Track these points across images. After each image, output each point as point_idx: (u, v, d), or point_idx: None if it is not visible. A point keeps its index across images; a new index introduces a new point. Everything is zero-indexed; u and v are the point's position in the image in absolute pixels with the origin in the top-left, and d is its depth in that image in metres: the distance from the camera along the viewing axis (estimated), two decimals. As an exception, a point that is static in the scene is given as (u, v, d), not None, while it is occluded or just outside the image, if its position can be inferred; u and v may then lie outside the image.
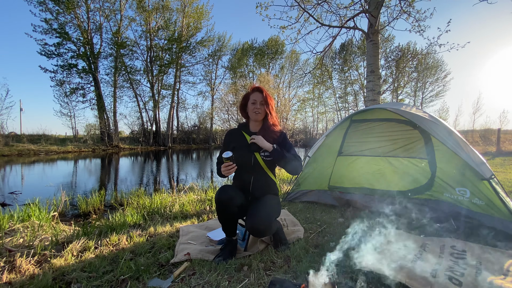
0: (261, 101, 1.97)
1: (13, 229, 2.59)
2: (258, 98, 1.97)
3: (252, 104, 1.97)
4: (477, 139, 16.76)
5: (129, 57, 23.92)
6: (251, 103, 1.98)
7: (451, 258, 1.80)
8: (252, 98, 1.99)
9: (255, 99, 1.97)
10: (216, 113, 24.91)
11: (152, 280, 1.62)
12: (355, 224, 2.56)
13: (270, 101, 1.99)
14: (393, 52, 27.65)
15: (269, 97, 2.00)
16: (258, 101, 1.97)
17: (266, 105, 1.97)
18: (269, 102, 1.98)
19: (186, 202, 3.78)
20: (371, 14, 4.96)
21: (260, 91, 1.99)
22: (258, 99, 1.97)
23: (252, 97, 1.99)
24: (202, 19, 24.39)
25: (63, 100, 21.44)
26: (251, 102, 1.99)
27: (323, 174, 3.46)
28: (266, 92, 2.01)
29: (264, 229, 1.77)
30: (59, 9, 19.17)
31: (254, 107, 1.97)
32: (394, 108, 2.96)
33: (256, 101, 1.97)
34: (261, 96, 1.98)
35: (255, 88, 2.02)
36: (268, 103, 1.98)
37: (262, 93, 1.98)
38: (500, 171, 6.17)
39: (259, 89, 2.00)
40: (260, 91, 1.99)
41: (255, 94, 1.99)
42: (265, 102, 1.96)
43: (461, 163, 2.47)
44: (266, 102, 1.97)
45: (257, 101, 1.97)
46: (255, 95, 1.98)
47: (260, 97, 1.97)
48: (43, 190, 6.20)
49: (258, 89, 2.01)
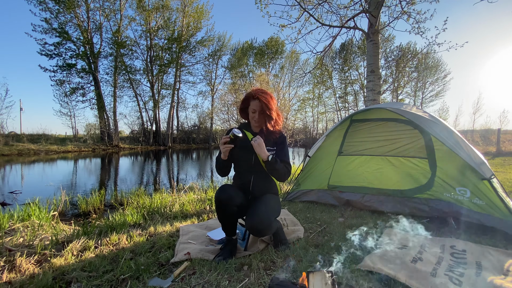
0: (260, 111, 1.92)
1: (13, 228, 2.59)
2: (257, 107, 1.91)
3: (252, 113, 1.95)
4: (477, 139, 16.76)
5: (129, 56, 23.94)
6: (251, 112, 1.96)
7: (451, 258, 1.80)
8: (251, 107, 1.94)
9: (255, 109, 1.92)
10: (216, 113, 24.92)
11: (152, 279, 1.62)
12: (355, 224, 2.56)
13: (270, 105, 1.90)
14: (393, 52, 27.69)
15: (269, 103, 1.90)
16: (258, 111, 1.92)
17: (265, 113, 1.90)
18: (269, 108, 1.89)
19: (186, 201, 3.78)
20: (372, 14, 4.96)
21: (259, 99, 1.89)
22: (257, 108, 1.91)
23: (252, 105, 1.93)
24: (202, 19, 24.37)
25: (63, 100, 21.47)
26: (251, 110, 1.95)
27: (323, 173, 3.46)
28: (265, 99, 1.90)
29: (264, 228, 1.77)
30: (59, 8, 19.17)
31: (254, 115, 1.95)
32: (394, 108, 2.96)
33: (256, 111, 1.92)
34: (260, 106, 1.90)
35: (254, 95, 1.92)
36: (269, 108, 1.89)
37: (260, 102, 1.89)
38: (500, 171, 6.17)
39: (258, 98, 1.89)
40: (259, 99, 1.89)
41: (255, 103, 1.91)
42: (263, 111, 1.90)
43: (461, 163, 2.47)
44: (264, 111, 1.90)
45: (256, 111, 1.92)
46: (254, 104, 1.91)
47: (259, 106, 1.90)
48: (43, 189, 6.20)
49: (256, 97, 1.90)
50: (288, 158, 1.99)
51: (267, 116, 1.93)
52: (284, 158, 1.96)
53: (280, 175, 1.90)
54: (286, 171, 1.91)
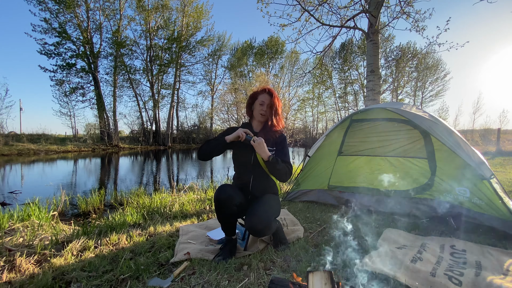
0: (268, 104, 1.97)
1: (13, 228, 2.59)
2: (267, 100, 1.97)
3: (260, 105, 1.98)
4: (477, 139, 16.77)
5: (128, 56, 23.92)
6: (259, 104, 1.98)
7: (451, 258, 1.80)
8: (260, 99, 1.99)
9: (263, 101, 1.98)
10: (216, 113, 24.93)
11: (152, 279, 1.62)
12: (354, 224, 2.56)
13: (278, 103, 1.99)
14: (393, 52, 27.69)
15: (277, 100, 1.99)
16: (266, 103, 1.97)
17: (272, 109, 1.97)
18: (277, 105, 1.98)
19: (186, 201, 3.78)
20: (371, 14, 4.96)
21: (270, 94, 1.98)
22: (266, 101, 1.97)
23: (261, 97, 1.99)
24: (202, 19, 24.35)
25: (62, 100, 21.47)
26: (259, 102, 1.98)
27: (323, 173, 3.46)
28: (275, 94, 2.00)
29: (263, 228, 1.77)
30: (59, 8, 19.15)
31: (261, 108, 1.97)
32: (394, 107, 2.96)
33: (264, 103, 1.97)
34: (270, 99, 1.97)
35: (265, 89, 2.02)
36: (276, 106, 1.97)
37: (272, 96, 1.97)
38: (500, 170, 6.18)
39: (269, 92, 1.99)
40: (270, 94, 1.98)
41: (264, 96, 1.99)
42: (272, 105, 1.97)
43: (461, 163, 2.47)
44: (272, 105, 1.97)
45: (265, 103, 1.97)
46: (264, 97, 1.99)
47: (268, 99, 1.97)
48: (43, 189, 6.20)
49: (268, 91, 2.00)
50: (288, 158, 2.00)
51: (275, 111, 1.98)
52: (285, 158, 1.96)
53: (281, 175, 1.89)
54: (287, 171, 1.90)
